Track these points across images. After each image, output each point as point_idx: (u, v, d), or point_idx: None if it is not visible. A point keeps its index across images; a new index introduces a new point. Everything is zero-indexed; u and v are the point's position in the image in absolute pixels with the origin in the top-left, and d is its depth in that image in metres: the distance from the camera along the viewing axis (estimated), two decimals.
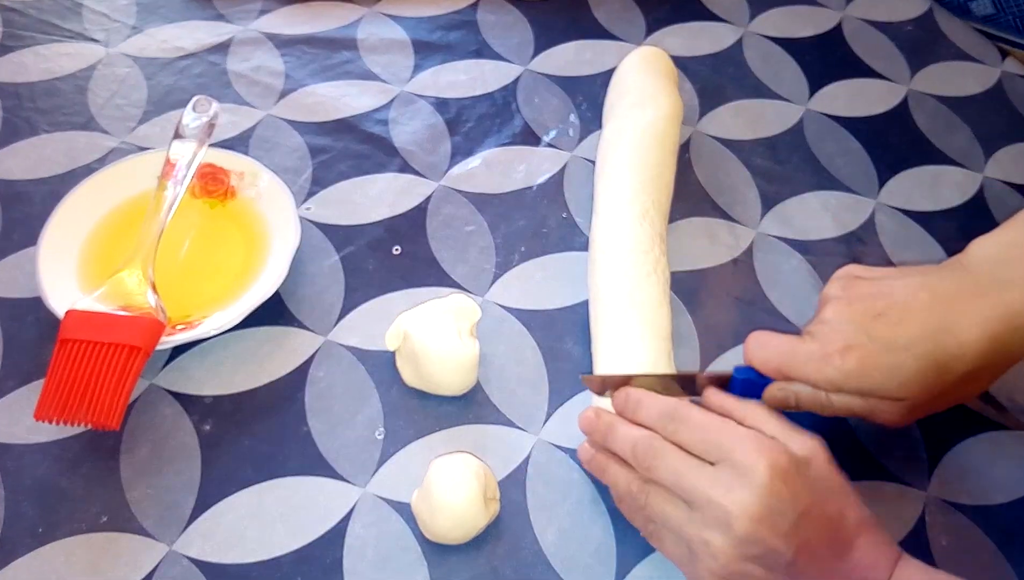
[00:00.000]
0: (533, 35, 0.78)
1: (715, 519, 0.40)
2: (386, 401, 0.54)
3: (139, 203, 0.58)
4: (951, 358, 0.45)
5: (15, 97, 0.69)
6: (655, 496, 0.43)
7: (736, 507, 0.40)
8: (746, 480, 0.40)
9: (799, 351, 0.47)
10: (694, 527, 0.41)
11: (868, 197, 0.68)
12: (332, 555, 0.48)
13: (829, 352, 0.45)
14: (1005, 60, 0.80)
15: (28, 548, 0.47)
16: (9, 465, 0.50)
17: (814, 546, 0.41)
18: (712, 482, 0.41)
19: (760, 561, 0.40)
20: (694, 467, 0.42)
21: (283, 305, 0.57)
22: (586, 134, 0.70)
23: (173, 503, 0.49)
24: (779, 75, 0.77)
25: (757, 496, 0.40)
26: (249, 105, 0.70)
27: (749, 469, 0.40)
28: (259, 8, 0.78)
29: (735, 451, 0.41)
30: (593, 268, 0.58)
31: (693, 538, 0.41)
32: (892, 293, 0.46)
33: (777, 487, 0.40)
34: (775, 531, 0.40)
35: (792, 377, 0.47)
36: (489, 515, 0.48)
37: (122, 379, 0.49)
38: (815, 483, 0.42)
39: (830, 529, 0.41)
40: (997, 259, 0.47)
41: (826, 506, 0.41)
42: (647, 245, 0.57)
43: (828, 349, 0.46)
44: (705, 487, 0.41)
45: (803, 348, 0.47)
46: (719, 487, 0.41)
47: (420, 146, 0.68)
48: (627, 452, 0.45)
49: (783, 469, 0.40)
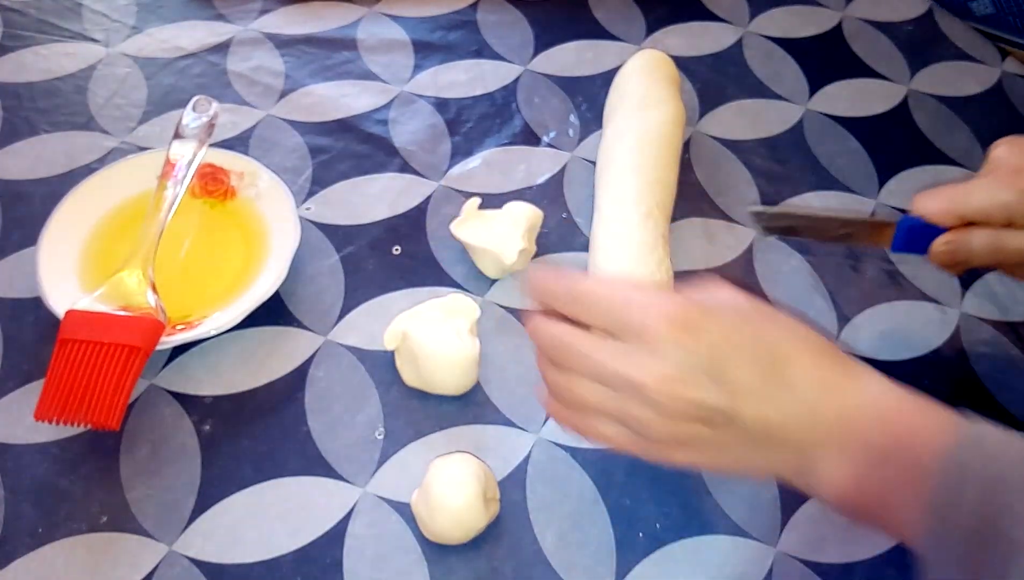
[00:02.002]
0: (533, 35, 0.78)
1: (635, 395, 0.38)
2: (386, 401, 0.54)
3: (139, 203, 0.58)
4: None
5: (15, 97, 0.69)
6: (577, 385, 0.41)
7: (648, 376, 0.38)
8: (648, 345, 0.38)
9: (971, 186, 0.47)
10: (620, 407, 0.39)
11: (868, 197, 0.68)
12: (332, 555, 0.48)
13: (1001, 177, 0.45)
14: (1005, 60, 0.80)
15: (28, 548, 0.47)
16: (9, 465, 0.50)
17: (742, 382, 0.38)
18: (616, 355, 0.39)
19: (693, 417, 0.38)
20: (598, 346, 0.40)
21: (283, 305, 0.57)
22: (586, 134, 0.70)
23: (173, 503, 0.49)
24: (779, 75, 0.77)
25: (663, 357, 0.38)
26: (249, 105, 0.70)
27: (645, 329, 0.38)
28: (259, 8, 0.78)
29: (629, 316, 0.39)
30: (595, 268, 0.58)
31: (625, 418, 0.39)
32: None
33: (677, 337, 0.38)
34: (690, 384, 0.37)
35: (964, 213, 0.46)
36: (489, 515, 0.48)
37: (122, 379, 0.49)
38: (720, 316, 0.39)
39: (752, 358, 0.38)
40: None
41: (740, 337, 0.38)
42: (651, 245, 0.57)
43: (1000, 174, 0.45)
44: (612, 362, 0.39)
45: (975, 183, 0.47)
46: (623, 359, 0.39)
47: (420, 146, 0.68)
48: (549, 352, 0.42)
49: (678, 317, 0.38)
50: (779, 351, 0.38)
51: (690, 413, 0.38)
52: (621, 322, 0.39)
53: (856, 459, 0.37)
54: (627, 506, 0.50)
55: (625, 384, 0.39)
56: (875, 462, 0.37)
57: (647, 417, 0.38)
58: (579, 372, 0.41)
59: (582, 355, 0.40)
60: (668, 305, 0.39)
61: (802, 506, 0.51)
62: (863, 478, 0.37)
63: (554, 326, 0.42)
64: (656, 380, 0.38)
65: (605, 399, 0.40)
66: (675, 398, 0.38)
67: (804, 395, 0.38)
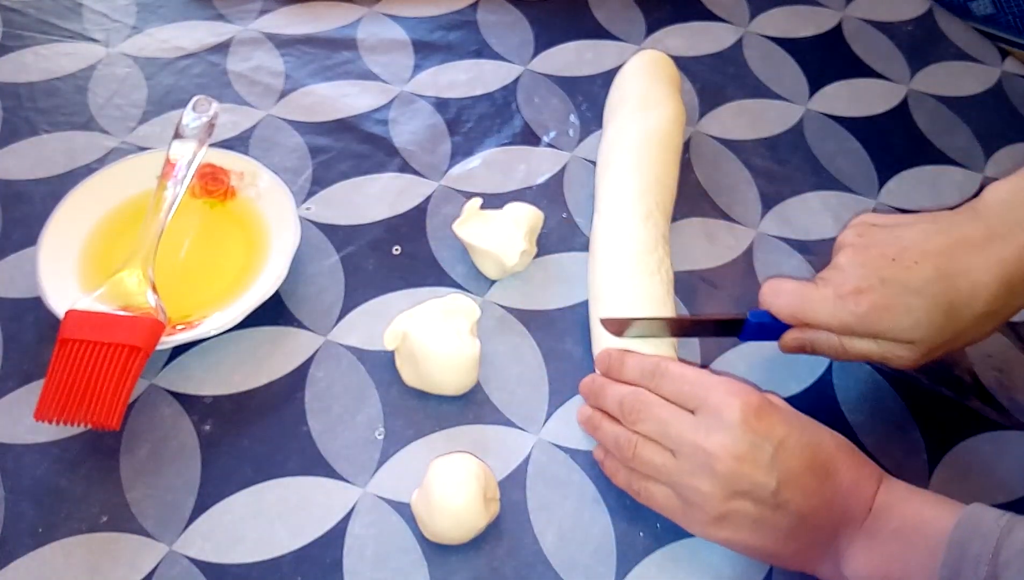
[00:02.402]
0: (533, 35, 0.78)
1: (700, 463, 0.43)
2: (386, 401, 0.54)
3: (139, 203, 0.58)
4: (964, 301, 0.46)
5: (15, 97, 0.69)
6: (643, 447, 0.46)
7: (717, 448, 0.43)
8: (722, 422, 0.43)
9: (813, 296, 0.49)
10: (682, 475, 0.44)
11: (868, 197, 0.68)
12: (332, 555, 0.48)
13: (843, 295, 0.47)
14: (1005, 60, 0.80)
15: (28, 548, 0.47)
16: (9, 465, 0.50)
17: (796, 473, 0.43)
18: (693, 428, 0.44)
19: (748, 496, 0.43)
20: (676, 415, 0.45)
21: (283, 305, 0.57)
22: (586, 134, 0.70)
23: (173, 503, 0.49)
24: (779, 75, 0.77)
25: (734, 435, 0.43)
26: (249, 105, 0.70)
27: (724, 410, 0.43)
28: (259, 8, 0.78)
29: (710, 396, 0.44)
30: (595, 267, 0.58)
31: (682, 485, 0.44)
32: (905, 237, 0.48)
33: (752, 423, 0.43)
34: (756, 465, 0.42)
35: (806, 321, 0.49)
36: (489, 515, 0.48)
37: (122, 379, 0.49)
38: (788, 416, 0.44)
39: (809, 456, 0.43)
40: (1011, 203, 0.48)
41: (802, 436, 0.44)
42: (651, 245, 0.57)
43: (842, 292, 0.47)
44: (687, 433, 0.44)
45: (817, 293, 0.48)
46: (700, 432, 0.43)
47: (420, 146, 0.68)
48: (616, 408, 0.48)
49: (755, 406, 0.43)
50: (829, 457, 0.44)
51: (745, 490, 0.43)
52: (701, 398, 0.44)
53: (882, 544, 0.43)
54: (627, 506, 0.50)
55: (696, 453, 0.43)
56: (896, 547, 0.43)
57: (707, 489, 0.43)
58: (650, 434, 0.46)
59: (660, 420, 0.45)
60: (747, 394, 0.44)
61: None
62: (886, 559, 0.43)
63: (625, 387, 0.48)
64: (727, 455, 0.42)
65: (668, 464, 0.45)
66: (738, 475, 0.42)
67: (844, 494, 0.44)
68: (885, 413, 0.56)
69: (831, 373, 0.57)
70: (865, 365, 0.58)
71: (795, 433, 0.44)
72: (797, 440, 0.43)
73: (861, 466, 0.45)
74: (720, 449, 0.43)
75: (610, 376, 0.50)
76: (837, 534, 0.44)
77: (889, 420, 0.55)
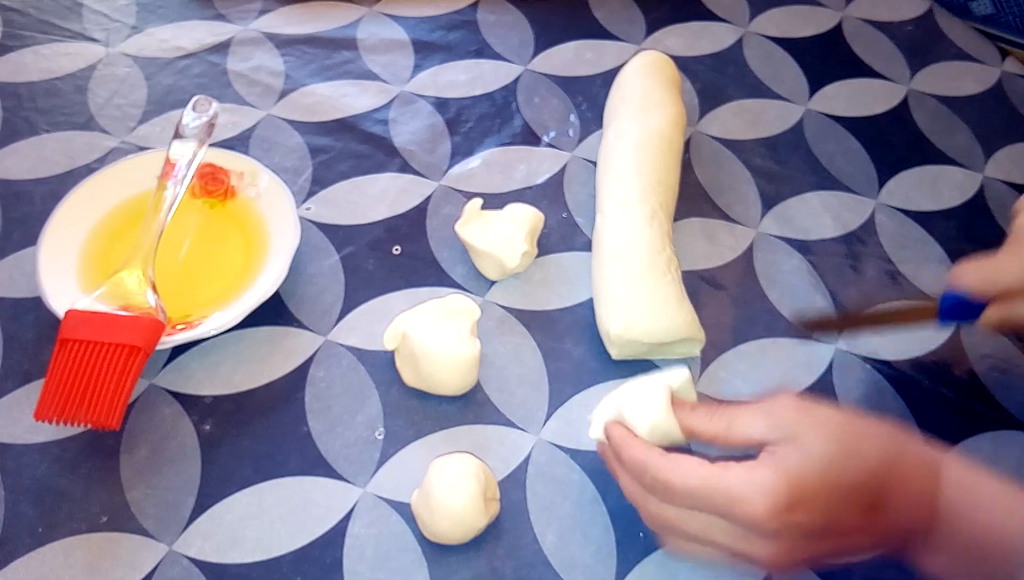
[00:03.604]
0: (533, 35, 0.78)
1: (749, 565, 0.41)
2: (386, 401, 0.54)
3: (139, 203, 0.58)
4: None
5: (15, 97, 0.69)
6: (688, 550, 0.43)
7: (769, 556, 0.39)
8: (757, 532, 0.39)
9: (1003, 262, 0.48)
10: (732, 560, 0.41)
11: (868, 197, 0.68)
12: (332, 555, 0.48)
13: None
14: (1005, 60, 0.80)
15: (28, 548, 0.47)
16: (9, 465, 0.50)
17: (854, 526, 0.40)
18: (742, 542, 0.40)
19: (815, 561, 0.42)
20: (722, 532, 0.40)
21: (283, 305, 0.57)
22: (586, 134, 0.70)
23: (173, 503, 0.49)
24: (779, 75, 0.77)
25: (780, 539, 0.39)
26: (249, 105, 0.70)
27: (761, 526, 0.38)
28: (259, 8, 0.78)
29: (740, 515, 0.39)
30: (601, 268, 0.58)
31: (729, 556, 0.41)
32: None
33: (792, 519, 0.38)
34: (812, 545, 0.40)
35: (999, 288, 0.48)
36: (489, 515, 0.48)
37: (122, 379, 0.49)
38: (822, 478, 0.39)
39: (859, 506, 0.40)
40: None
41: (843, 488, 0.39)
42: (659, 245, 0.57)
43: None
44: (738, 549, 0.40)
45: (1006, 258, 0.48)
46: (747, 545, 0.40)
47: (420, 146, 0.68)
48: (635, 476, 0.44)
49: (786, 503, 0.38)
50: (876, 487, 0.40)
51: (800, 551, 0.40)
52: (730, 517, 0.39)
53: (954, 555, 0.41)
54: (627, 506, 0.50)
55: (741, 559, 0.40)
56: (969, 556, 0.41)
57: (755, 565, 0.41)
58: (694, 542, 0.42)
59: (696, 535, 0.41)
60: (766, 492, 0.38)
61: None
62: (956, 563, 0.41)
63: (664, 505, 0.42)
64: (778, 558, 0.39)
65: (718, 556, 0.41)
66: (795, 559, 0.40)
67: (903, 514, 0.41)
68: (885, 413, 0.56)
69: (831, 373, 0.57)
70: (865, 365, 0.58)
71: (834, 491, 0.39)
72: (839, 499, 0.39)
73: (914, 472, 0.41)
74: (768, 556, 0.39)
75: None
76: (905, 542, 0.42)
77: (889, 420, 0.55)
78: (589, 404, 0.54)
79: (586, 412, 0.54)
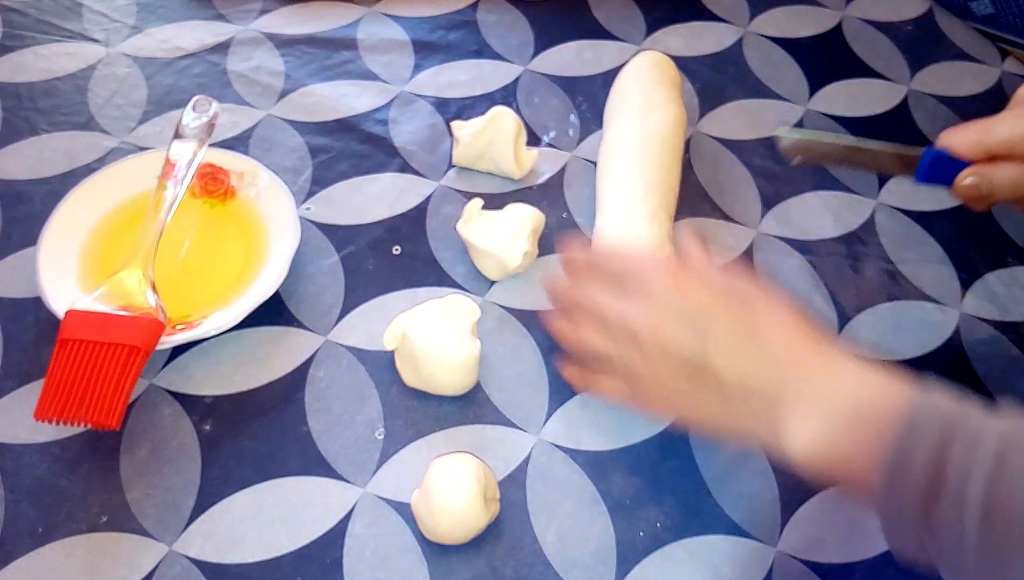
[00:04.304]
0: (533, 35, 0.78)
1: (629, 338, 0.45)
2: (386, 401, 0.54)
3: (139, 203, 0.58)
4: None
5: (15, 97, 0.69)
6: (586, 334, 0.48)
7: (639, 319, 0.45)
8: (646, 295, 0.45)
9: (996, 120, 0.49)
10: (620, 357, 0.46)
11: (868, 197, 0.68)
12: (332, 555, 0.48)
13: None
14: (1005, 60, 0.80)
15: (28, 548, 0.47)
16: (9, 465, 0.50)
17: (721, 335, 0.43)
18: (623, 303, 0.46)
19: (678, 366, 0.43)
20: (609, 295, 0.47)
21: (283, 305, 0.57)
22: (586, 134, 0.70)
23: (173, 503, 0.49)
24: (779, 75, 0.77)
25: (656, 306, 0.45)
26: (249, 105, 0.70)
27: (646, 283, 0.46)
28: (259, 8, 0.78)
29: (635, 270, 0.47)
30: None
31: (623, 367, 0.46)
32: None
33: (672, 293, 0.45)
34: (679, 332, 0.43)
35: (988, 145, 0.48)
36: (489, 515, 0.48)
37: (122, 379, 0.49)
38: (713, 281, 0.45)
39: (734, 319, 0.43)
40: None
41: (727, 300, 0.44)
42: (658, 244, 0.57)
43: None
44: (616, 309, 0.46)
45: (1000, 116, 0.49)
46: (627, 306, 0.46)
47: (420, 146, 0.68)
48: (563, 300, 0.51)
49: (676, 279, 0.45)
50: (758, 320, 0.43)
51: (671, 358, 0.44)
52: (626, 272, 0.47)
53: (822, 420, 0.40)
54: (627, 506, 0.50)
55: (621, 326, 0.45)
56: (838, 424, 0.39)
57: (638, 361, 0.45)
58: (587, 320, 0.48)
59: (590, 300, 0.48)
60: (669, 265, 0.47)
61: (802, 506, 0.51)
62: (828, 438, 0.39)
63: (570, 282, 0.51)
64: (646, 323, 0.44)
65: (606, 345, 0.47)
66: (659, 342, 0.44)
67: (775, 356, 0.42)
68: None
69: None
70: None
71: (718, 300, 0.44)
72: (720, 305, 0.44)
73: (798, 334, 0.42)
74: (638, 318, 0.45)
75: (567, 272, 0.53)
76: (775, 403, 0.41)
77: None
78: (589, 404, 0.54)
79: (586, 413, 0.54)
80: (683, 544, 0.49)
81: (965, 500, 0.33)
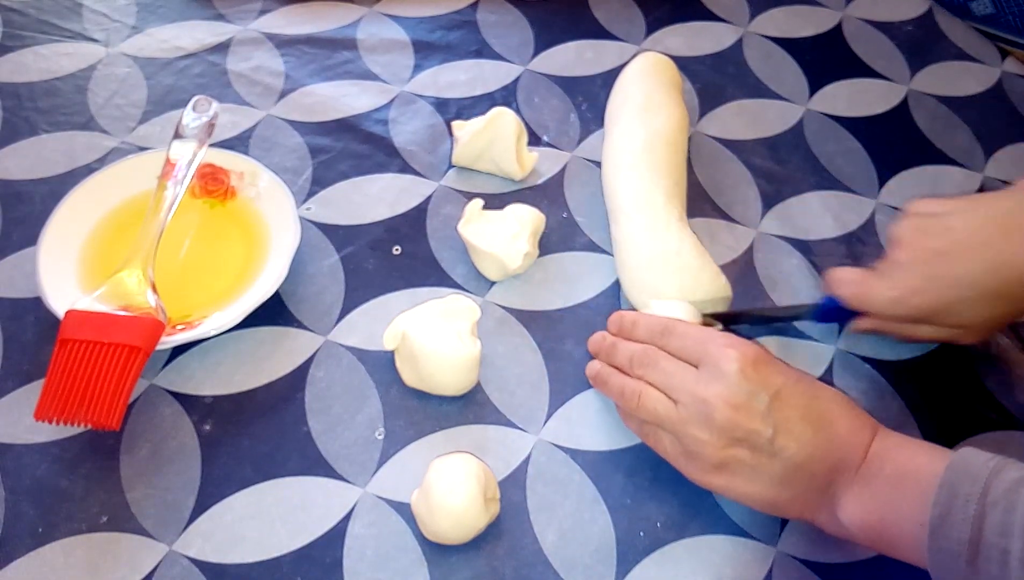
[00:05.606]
0: (533, 35, 0.78)
1: (699, 413, 0.46)
2: (386, 401, 0.54)
3: (139, 203, 0.58)
4: (1014, 288, 0.49)
5: (15, 97, 0.69)
6: (647, 398, 0.48)
7: (715, 398, 0.45)
8: (720, 373, 0.46)
9: (874, 289, 0.53)
10: (683, 423, 0.46)
11: (868, 197, 0.68)
12: (332, 555, 0.48)
13: (901, 294, 0.52)
14: (1005, 60, 0.80)
15: (28, 548, 0.47)
16: (9, 465, 0.50)
17: (792, 422, 0.45)
18: (694, 380, 0.47)
19: (744, 444, 0.45)
20: (680, 368, 0.48)
21: (283, 305, 0.57)
22: (586, 134, 0.70)
23: (173, 503, 0.49)
24: (779, 75, 0.77)
25: (731, 384, 0.45)
26: (249, 105, 0.70)
27: (722, 362, 0.46)
28: (259, 8, 0.78)
29: (710, 350, 0.47)
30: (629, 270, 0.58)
31: (684, 434, 0.46)
32: (956, 229, 0.51)
33: (748, 373, 0.45)
34: (752, 413, 0.45)
35: (868, 309, 0.53)
36: (489, 515, 0.48)
37: (122, 379, 0.49)
38: (784, 368, 0.47)
39: (804, 405, 0.46)
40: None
41: (797, 386, 0.46)
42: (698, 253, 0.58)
43: (900, 291, 0.52)
44: (688, 384, 0.47)
45: (878, 287, 0.53)
46: (700, 383, 0.46)
47: (420, 146, 0.68)
48: (626, 363, 0.51)
49: (752, 358, 0.46)
50: (825, 409, 0.46)
51: (742, 438, 0.45)
52: (703, 352, 0.47)
53: (876, 490, 0.44)
54: (627, 506, 0.50)
55: (696, 402, 0.46)
56: (889, 492, 0.44)
57: (705, 437, 0.45)
58: (656, 384, 0.48)
59: (665, 372, 0.48)
60: (745, 347, 0.47)
61: None
62: (880, 503, 0.44)
63: (635, 344, 0.51)
64: (724, 404, 0.45)
65: (671, 413, 0.47)
66: (735, 423, 0.45)
67: (839, 443, 0.45)
68: (885, 413, 0.56)
69: (831, 373, 0.57)
70: (865, 365, 0.58)
71: (791, 383, 0.46)
72: (793, 390, 0.46)
73: (856, 417, 0.46)
74: (717, 398, 0.45)
75: (622, 336, 0.53)
76: (832, 481, 0.45)
77: (889, 420, 0.55)
78: (589, 404, 0.54)
79: (586, 412, 0.54)
80: (683, 544, 0.49)
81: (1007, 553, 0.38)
